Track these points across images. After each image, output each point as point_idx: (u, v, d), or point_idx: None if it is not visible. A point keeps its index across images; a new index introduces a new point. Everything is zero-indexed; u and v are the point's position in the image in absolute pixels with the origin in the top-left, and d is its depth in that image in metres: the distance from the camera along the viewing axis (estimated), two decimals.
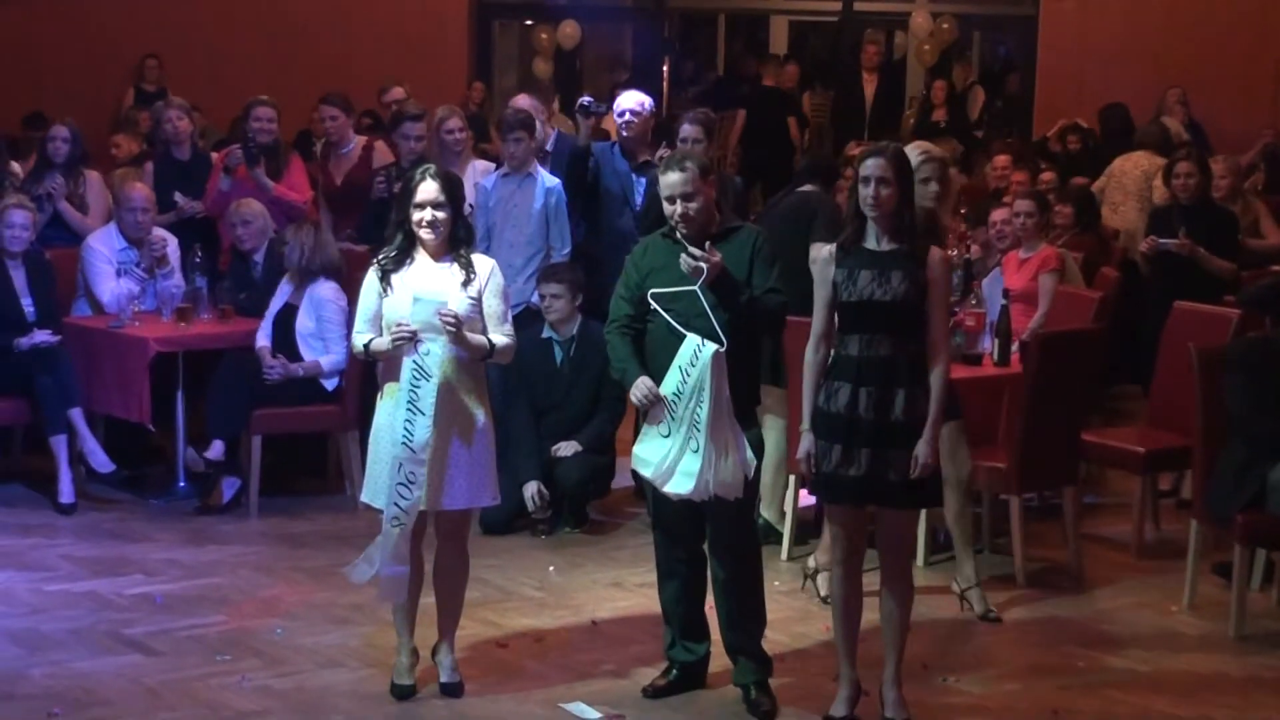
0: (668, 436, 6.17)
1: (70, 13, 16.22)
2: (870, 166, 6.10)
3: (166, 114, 10.60)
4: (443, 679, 6.54)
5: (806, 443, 6.19)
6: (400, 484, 6.18)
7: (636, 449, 6.29)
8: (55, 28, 16.17)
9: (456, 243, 6.42)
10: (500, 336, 6.39)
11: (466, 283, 6.36)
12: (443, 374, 6.23)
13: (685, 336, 6.13)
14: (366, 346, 6.40)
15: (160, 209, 9.93)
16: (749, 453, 6.21)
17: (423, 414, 6.17)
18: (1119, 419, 10.36)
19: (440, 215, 6.31)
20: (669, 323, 6.19)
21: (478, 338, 6.31)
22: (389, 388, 6.35)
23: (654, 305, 6.25)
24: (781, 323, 6.50)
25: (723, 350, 6.06)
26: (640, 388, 6.22)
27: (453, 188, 6.41)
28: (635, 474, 6.53)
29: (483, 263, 6.48)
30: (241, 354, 9.00)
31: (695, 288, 6.13)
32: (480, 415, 6.38)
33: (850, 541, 6.28)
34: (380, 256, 6.45)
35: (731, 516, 6.31)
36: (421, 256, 6.39)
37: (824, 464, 6.14)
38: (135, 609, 7.44)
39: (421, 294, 6.22)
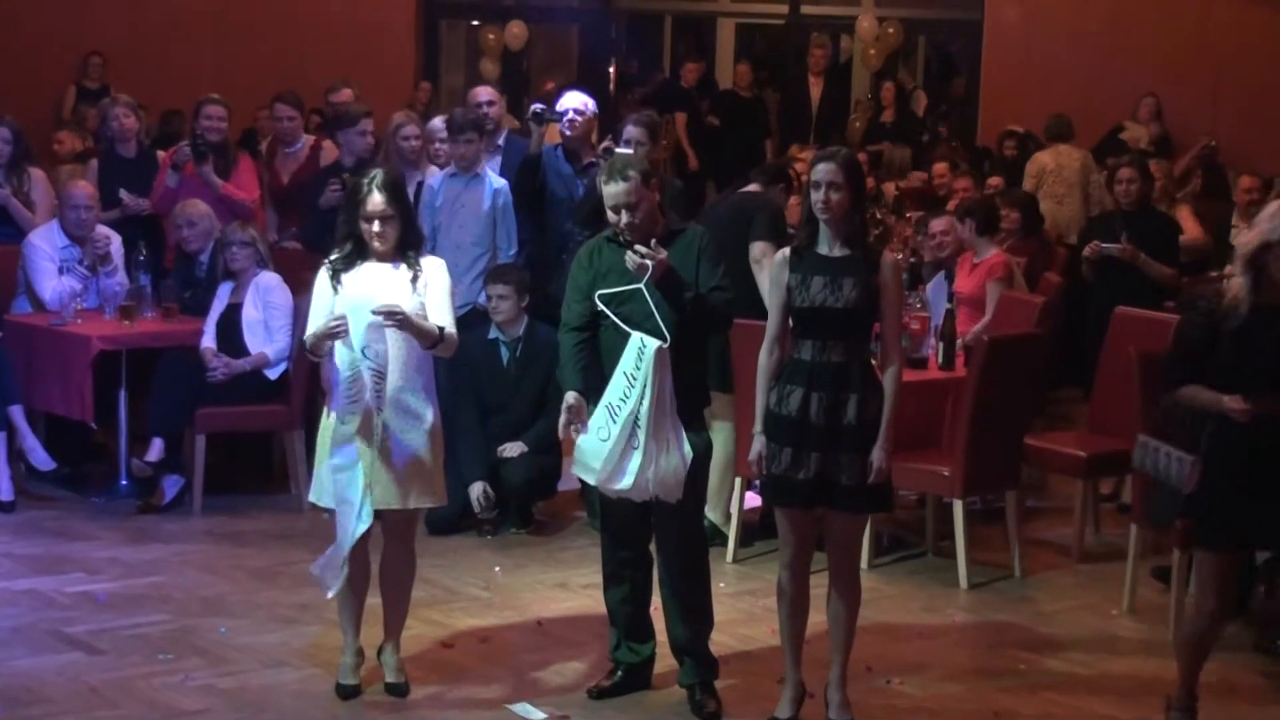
0: (607, 440, 6.17)
1: (10, 9, 16.10)
2: (821, 171, 6.10)
3: (113, 111, 10.55)
4: (388, 679, 6.54)
5: (758, 445, 6.20)
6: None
7: (577, 452, 6.29)
8: None
9: (405, 245, 6.42)
10: (447, 326, 6.39)
11: (414, 280, 6.37)
12: (391, 373, 6.24)
13: (629, 335, 6.16)
14: (305, 340, 6.42)
15: (105, 206, 9.90)
16: (687, 447, 6.22)
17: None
18: (1061, 423, 10.43)
19: (389, 227, 6.33)
20: (616, 323, 6.20)
21: (425, 323, 6.30)
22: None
23: (601, 306, 6.27)
24: (728, 321, 6.52)
25: (666, 347, 6.08)
26: (567, 399, 6.27)
27: (400, 194, 6.43)
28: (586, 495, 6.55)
29: (430, 263, 6.49)
30: (184, 352, 8.99)
31: (641, 285, 6.15)
32: (429, 416, 6.39)
33: (798, 544, 6.30)
34: (331, 257, 6.46)
35: (679, 518, 6.33)
36: (370, 259, 6.40)
37: (774, 466, 6.16)
38: (76, 607, 7.41)
39: (362, 303, 6.24)
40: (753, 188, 8.78)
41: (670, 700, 6.52)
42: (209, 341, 8.97)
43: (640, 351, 6.09)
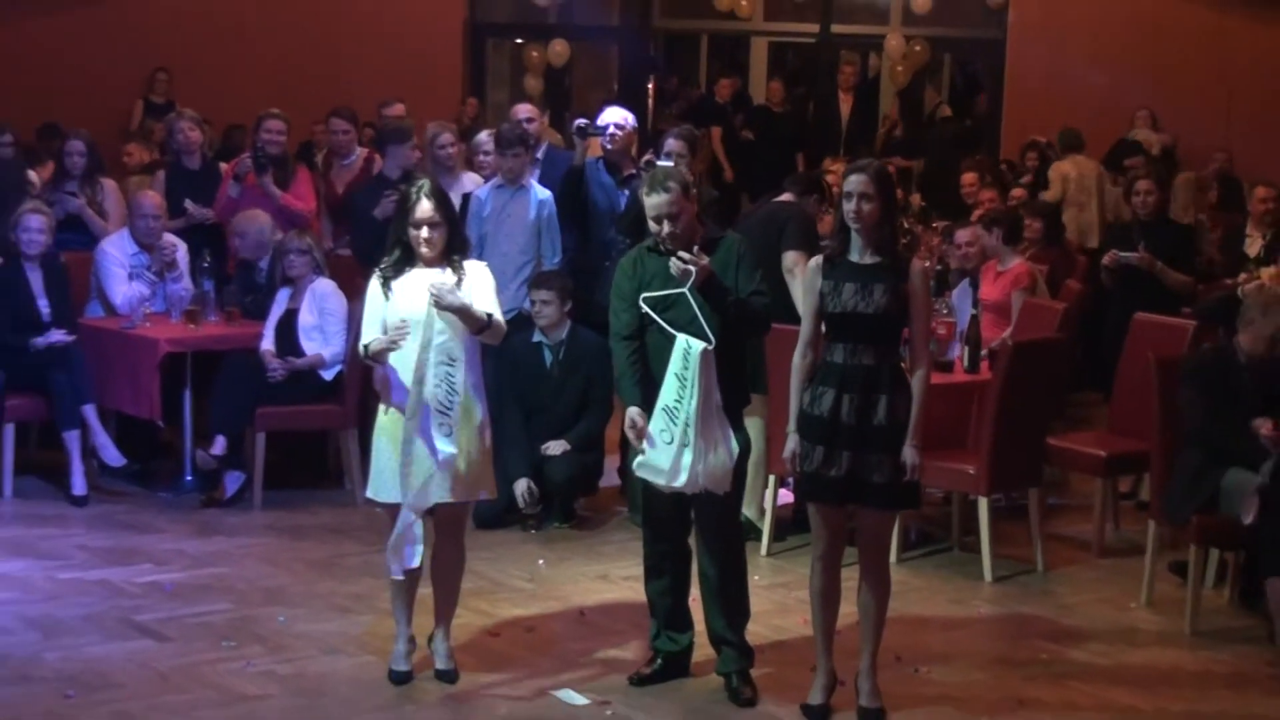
0: (671, 442, 6.17)
1: (82, 27, 16.21)
2: (853, 182, 6.12)
3: (178, 125, 10.62)
4: (438, 666, 6.56)
5: (792, 443, 6.21)
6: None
7: (644, 459, 6.27)
8: (68, 41, 16.14)
9: (451, 250, 6.45)
10: (495, 314, 6.39)
11: (459, 284, 6.36)
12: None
13: (675, 338, 6.16)
14: (367, 347, 6.42)
15: (171, 215, 9.96)
16: (734, 442, 6.24)
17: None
18: (1081, 424, 10.40)
19: (436, 233, 6.36)
20: (662, 327, 6.21)
21: (475, 308, 6.30)
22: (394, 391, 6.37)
23: (645, 309, 6.28)
24: (767, 324, 6.52)
25: (711, 348, 6.09)
26: (630, 415, 6.29)
27: (446, 203, 6.46)
28: (621, 473, 6.53)
29: (474, 266, 6.51)
30: (246, 354, 9.02)
31: (685, 290, 6.15)
32: (479, 413, 6.40)
33: (830, 538, 6.30)
34: (381, 265, 6.49)
35: (718, 512, 6.35)
36: (418, 265, 6.42)
37: (806, 464, 6.17)
38: (145, 596, 7.45)
39: (413, 308, 6.26)
40: (786, 197, 8.79)
41: (708, 687, 6.53)
42: (268, 344, 9.01)
43: (686, 354, 6.10)
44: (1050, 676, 6.84)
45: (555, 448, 8.70)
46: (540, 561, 8.18)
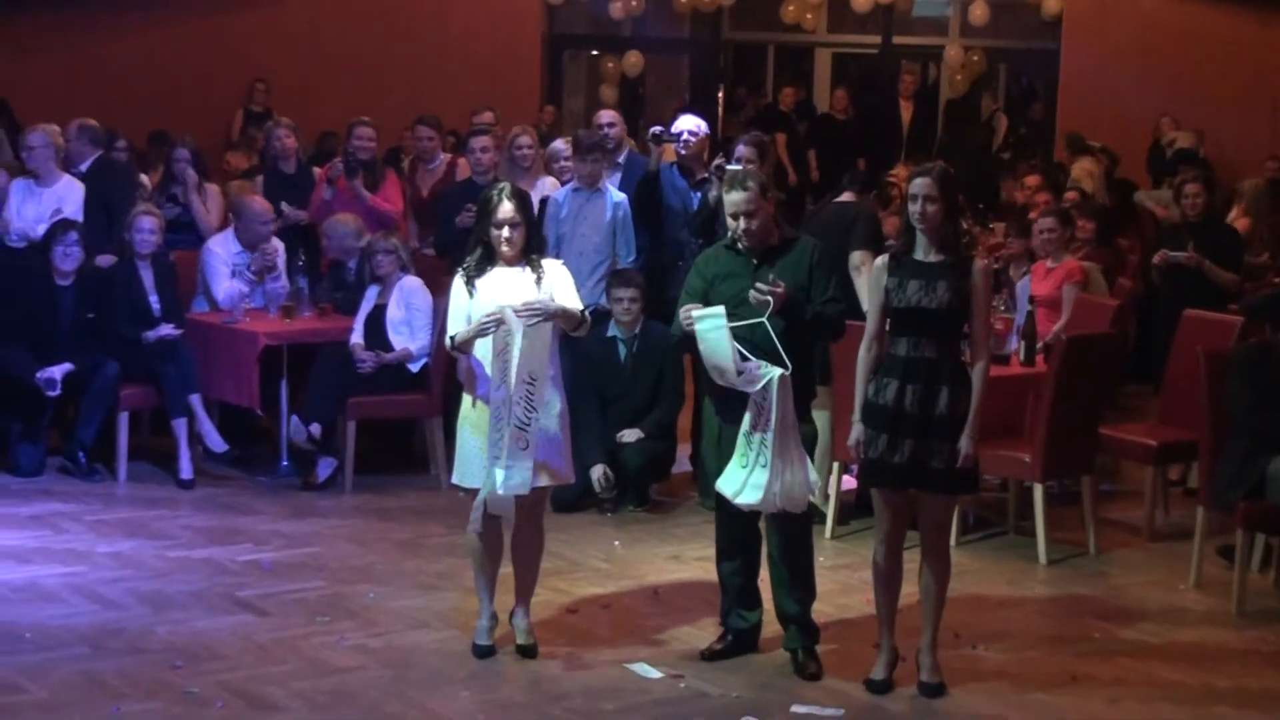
0: (747, 467, 6.16)
1: (188, 41, 16.38)
2: (918, 185, 6.12)
3: (276, 132, 10.72)
4: (519, 641, 6.58)
5: (856, 432, 6.21)
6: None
7: (721, 480, 6.25)
8: (175, 54, 16.32)
9: (529, 250, 6.46)
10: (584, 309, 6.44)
11: (538, 282, 6.39)
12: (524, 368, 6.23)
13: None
14: (453, 339, 6.44)
15: None
16: (813, 474, 6.21)
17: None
18: (1133, 415, 10.32)
19: (516, 233, 6.37)
20: (743, 353, 6.13)
21: (568, 307, 6.32)
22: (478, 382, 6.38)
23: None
24: (842, 330, 6.50)
25: (788, 374, 6.04)
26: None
27: (525, 204, 6.47)
28: (692, 460, 6.52)
29: (551, 264, 6.52)
30: (338, 347, 9.07)
31: (764, 319, 6.10)
32: (558, 403, 6.42)
33: (893, 522, 6.29)
34: (464, 264, 6.50)
35: None
36: (499, 264, 6.44)
37: (871, 451, 6.17)
38: (246, 574, 7.51)
39: (494, 304, 6.24)
40: (846, 196, 8.77)
41: (775, 662, 6.52)
42: (358, 338, 9.06)
43: (767, 381, 6.08)
44: (1102, 654, 6.80)
45: (630, 436, 8.72)
46: (616, 543, 8.19)
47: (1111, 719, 6.13)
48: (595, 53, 18.32)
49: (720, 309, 6.11)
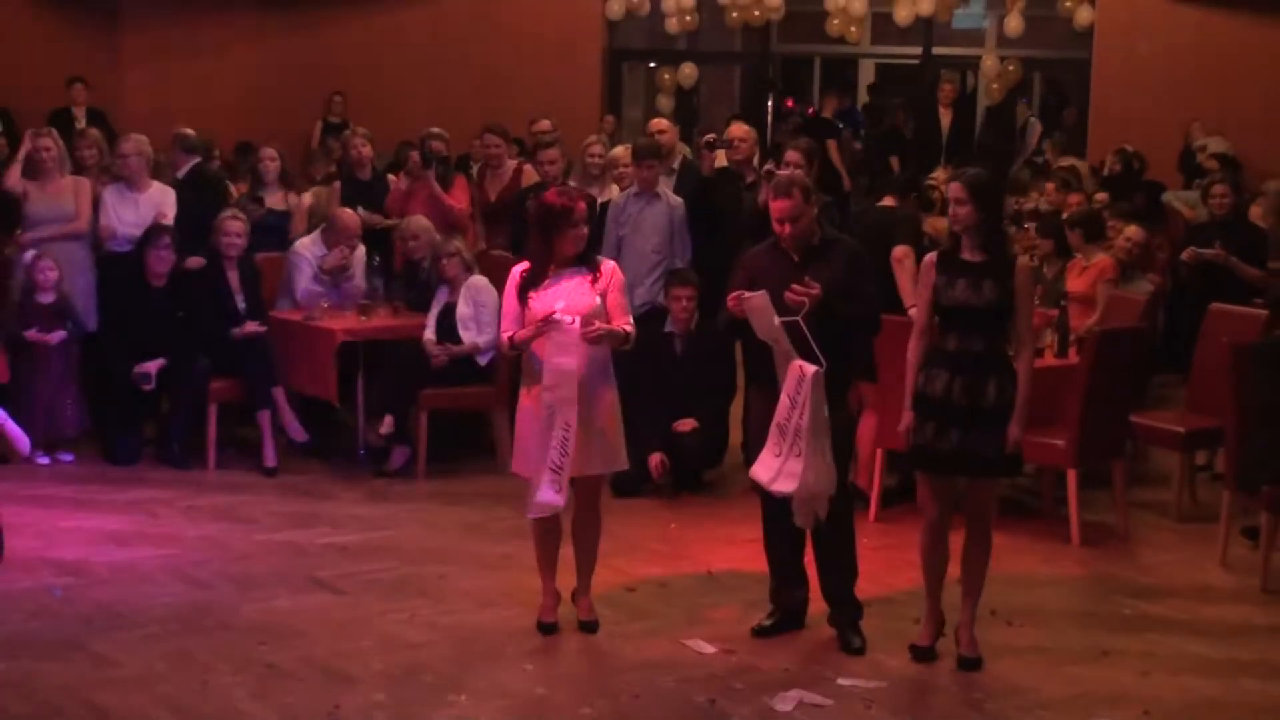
0: (780, 456, 6.14)
1: (270, 57, 16.52)
2: (951, 189, 6.13)
3: (352, 142, 10.76)
4: (581, 618, 6.59)
5: (907, 420, 6.20)
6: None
7: (755, 469, 6.25)
8: (259, 69, 16.47)
9: (589, 250, 6.44)
10: (630, 328, 6.39)
11: (594, 281, 6.37)
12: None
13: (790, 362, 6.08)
14: (511, 338, 6.42)
15: None
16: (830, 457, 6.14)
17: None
18: (1162, 403, 10.23)
19: (584, 232, 6.36)
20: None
21: (615, 329, 6.30)
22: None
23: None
24: (878, 325, 6.48)
25: (822, 370, 6.01)
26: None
27: (592, 207, 6.46)
28: (744, 447, 6.52)
29: (607, 265, 6.49)
30: (411, 344, 9.09)
31: (799, 318, 6.05)
32: (610, 395, 6.41)
33: (939, 505, 6.29)
34: (520, 271, 6.43)
35: None
36: (555, 267, 6.38)
37: (919, 437, 6.16)
38: (325, 555, 7.55)
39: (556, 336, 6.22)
40: (888, 201, 8.73)
41: (821, 638, 6.51)
42: (430, 334, 9.08)
43: (800, 379, 6.03)
44: (1131, 629, 6.76)
45: (685, 425, 8.70)
46: (672, 525, 8.19)
47: (1141, 691, 6.08)
48: (652, 65, 18.30)
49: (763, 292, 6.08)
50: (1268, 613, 7.04)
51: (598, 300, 6.33)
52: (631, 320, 6.46)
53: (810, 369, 6.00)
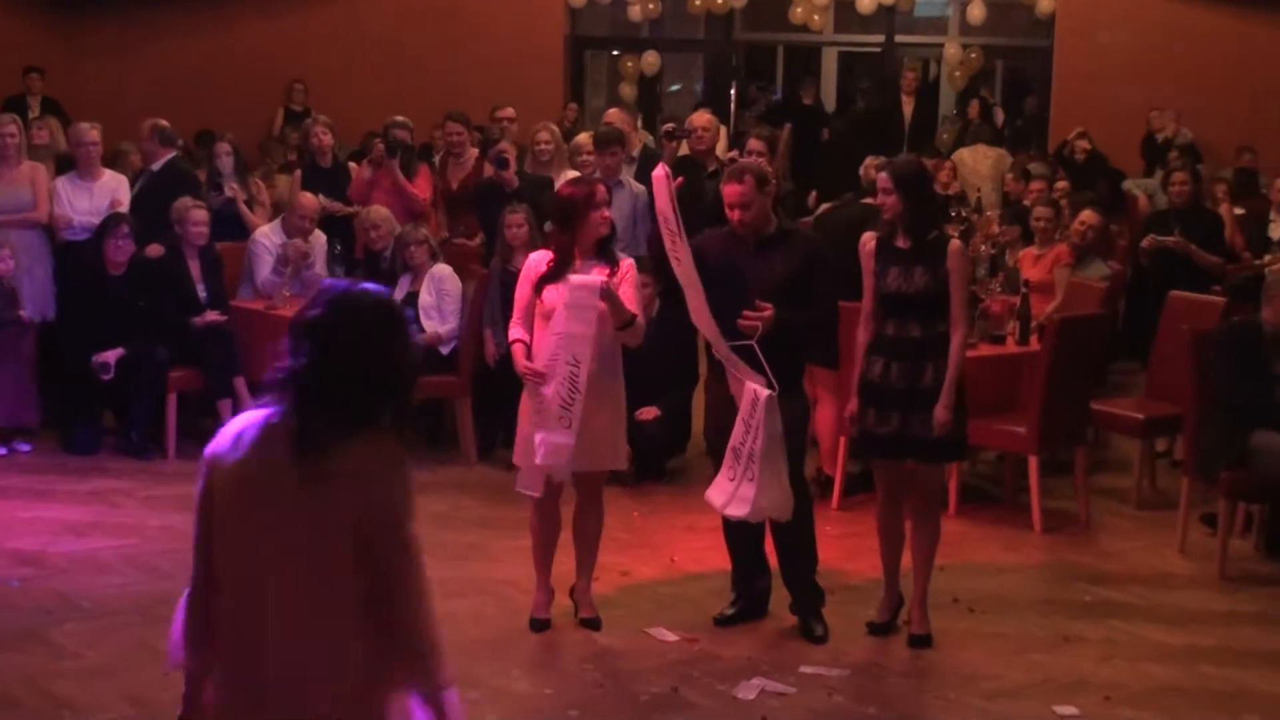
0: (734, 480, 6.11)
1: (231, 45, 16.43)
2: (879, 180, 6.20)
3: (313, 130, 10.72)
4: (583, 615, 6.52)
5: (851, 406, 6.25)
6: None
7: (711, 491, 6.22)
8: (219, 58, 16.37)
9: (604, 241, 6.32)
10: (639, 316, 6.23)
11: (611, 274, 6.25)
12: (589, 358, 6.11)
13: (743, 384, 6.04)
14: (511, 345, 6.29)
15: None
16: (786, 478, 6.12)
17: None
18: (1122, 390, 10.30)
19: (608, 214, 6.27)
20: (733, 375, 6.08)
21: (624, 306, 6.14)
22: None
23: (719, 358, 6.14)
24: (832, 324, 6.49)
25: (775, 394, 5.95)
26: None
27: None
28: (706, 436, 6.48)
29: (626, 262, 6.36)
30: None
31: (753, 342, 6.00)
32: (617, 392, 6.32)
33: (887, 487, 6.36)
34: (545, 262, 6.26)
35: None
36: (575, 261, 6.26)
37: (862, 423, 6.20)
38: None
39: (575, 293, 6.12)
40: (870, 200, 8.71)
41: (783, 626, 6.53)
42: None
43: (754, 402, 5.99)
44: (1093, 616, 6.80)
45: (648, 413, 8.70)
46: (635, 514, 8.19)
47: (1102, 677, 6.11)
48: (615, 52, 18.28)
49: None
50: (1226, 599, 7.09)
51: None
52: (642, 315, 6.30)
53: (764, 393, 5.97)
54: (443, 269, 9.12)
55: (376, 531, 3.16)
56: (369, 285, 3.33)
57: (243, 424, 3.30)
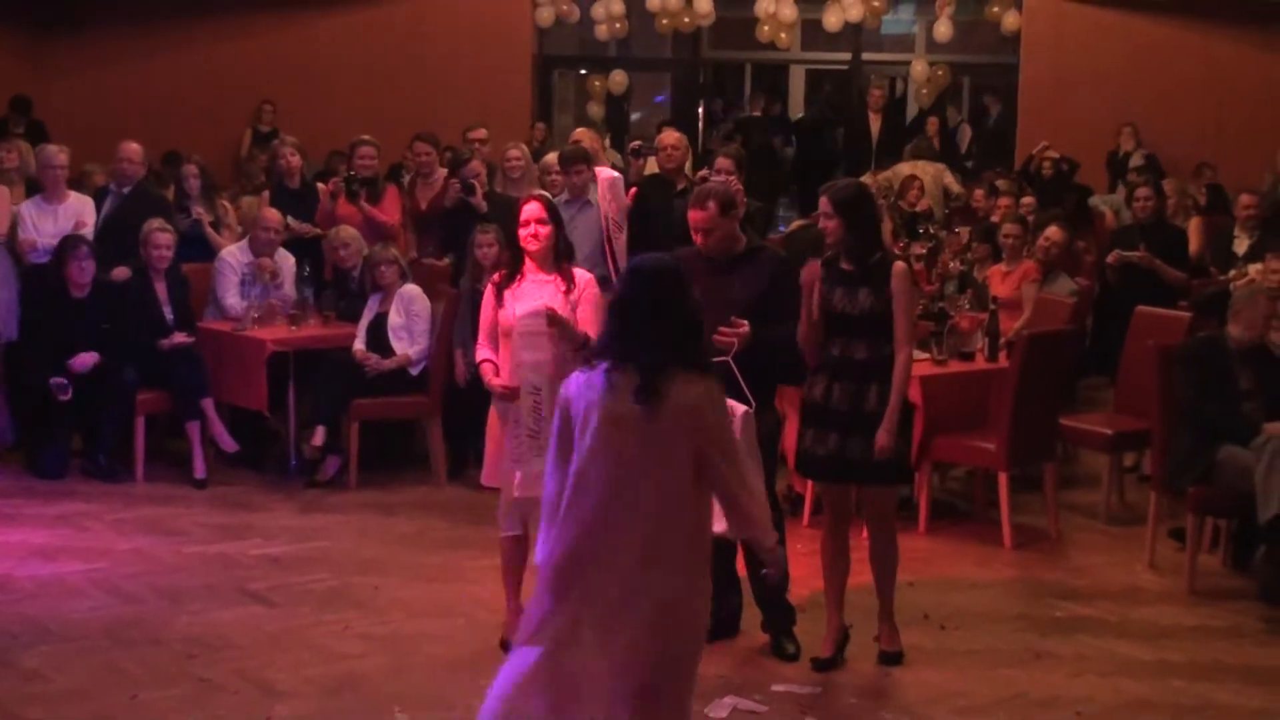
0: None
1: (199, 67, 16.40)
2: (820, 204, 6.16)
3: (281, 151, 10.69)
4: None
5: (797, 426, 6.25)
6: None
7: None
8: (187, 79, 16.34)
9: (559, 257, 6.31)
10: (593, 336, 6.11)
11: (568, 292, 6.25)
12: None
13: None
14: (478, 365, 6.31)
15: None
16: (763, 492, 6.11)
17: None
18: (1090, 406, 10.33)
19: (543, 229, 6.24)
20: None
21: (575, 330, 6.09)
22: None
23: None
24: (795, 341, 6.46)
25: (752, 411, 5.91)
26: None
27: (554, 209, 6.37)
28: None
29: (581, 276, 6.35)
30: (341, 353, 9.05)
31: (729, 358, 5.97)
32: None
33: (831, 510, 6.34)
34: (496, 276, 6.34)
35: None
36: (530, 272, 6.27)
37: (802, 443, 6.20)
38: (257, 568, 7.49)
39: (523, 321, 6.11)
40: None
41: (755, 644, 6.52)
42: (360, 344, 9.03)
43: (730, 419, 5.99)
44: (1063, 631, 6.81)
45: None
46: None
47: (1073, 692, 6.12)
48: (583, 71, 18.30)
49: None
50: (1194, 614, 7.11)
51: (568, 308, 6.18)
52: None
53: (740, 409, 5.96)
54: (412, 289, 9.10)
55: (710, 448, 4.29)
56: (653, 255, 4.49)
57: (585, 376, 4.32)
